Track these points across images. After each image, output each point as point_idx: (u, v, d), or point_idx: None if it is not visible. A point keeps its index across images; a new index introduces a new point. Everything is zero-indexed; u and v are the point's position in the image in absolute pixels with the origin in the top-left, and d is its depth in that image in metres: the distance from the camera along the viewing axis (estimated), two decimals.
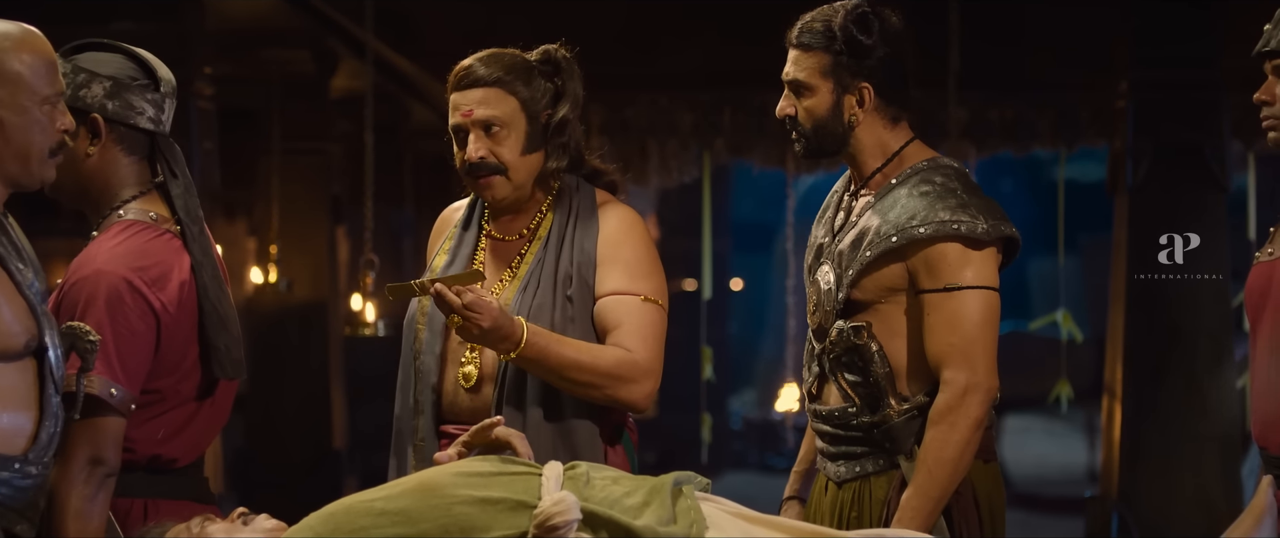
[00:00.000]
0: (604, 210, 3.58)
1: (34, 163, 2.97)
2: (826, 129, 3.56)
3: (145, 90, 3.32)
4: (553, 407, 3.48)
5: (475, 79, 3.52)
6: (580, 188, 3.61)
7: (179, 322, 3.27)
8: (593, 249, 3.52)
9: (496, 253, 3.63)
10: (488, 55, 3.56)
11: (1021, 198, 14.54)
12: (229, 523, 3.18)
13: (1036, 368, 8.40)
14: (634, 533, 2.97)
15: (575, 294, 3.50)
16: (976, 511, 3.52)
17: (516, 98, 3.52)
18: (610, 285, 3.49)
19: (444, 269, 3.64)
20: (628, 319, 3.47)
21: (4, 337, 2.87)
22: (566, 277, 3.52)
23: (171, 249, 3.29)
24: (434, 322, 3.58)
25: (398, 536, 2.98)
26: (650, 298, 3.50)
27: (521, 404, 3.48)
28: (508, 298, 3.52)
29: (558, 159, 3.57)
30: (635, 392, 3.46)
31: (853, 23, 3.51)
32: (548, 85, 3.56)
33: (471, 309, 3.33)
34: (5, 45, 2.92)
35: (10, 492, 2.88)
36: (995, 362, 3.48)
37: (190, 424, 3.36)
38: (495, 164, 3.52)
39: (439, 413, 3.59)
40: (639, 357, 3.45)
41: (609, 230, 3.54)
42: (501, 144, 3.51)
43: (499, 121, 3.50)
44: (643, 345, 3.46)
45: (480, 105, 3.51)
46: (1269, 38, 3.40)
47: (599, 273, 3.50)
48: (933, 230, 3.43)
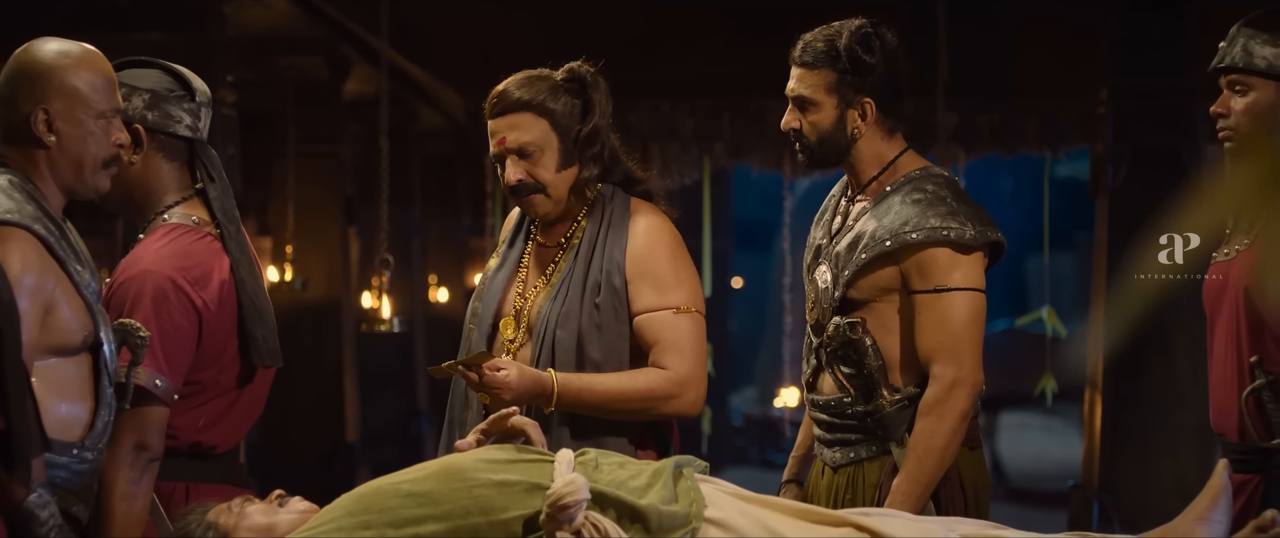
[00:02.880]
0: (634, 220, 3.68)
1: (88, 173, 3.15)
2: (830, 142, 3.68)
3: (182, 101, 3.49)
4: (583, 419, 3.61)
5: (508, 105, 3.64)
6: (614, 196, 3.72)
7: (219, 318, 3.42)
8: (621, 258, 3.64)
9: (538, 258, 3.76)
10: (518, 80, 3.67)
11: (1022, 197, 14.51)
12: (266, 504, 3.34)
13: (1035, 365, 8.42)
14: (639, 511, 3.13)
15: (603, 301, 3.62)
16: (963, 494, 3.64)
17: (547, 119, 3.63)
18: (643, 304, 3.62)
19: (494, 273, 3.78)
20: (662, 335, 3.60)
21: (65, 334, 3.05)
22: (595, 284, 3.64)
23: (212, 251, 3.45)
24: (483, 323, 3.73)
25: (423, 515, 3.13)
26: (682, 308, 3.63)
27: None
28: (541, 304, 3.66)
29: (590, 170, 3.67)
30: (679, 405, 3.60)
31: (857, 42, 3.61)
32: (575, 101, 3.67)
33: (493, 387, 3.48)
34: (66, 63, 3.11)
35: (68, 476, 3.05)
36: (981, 358, 3.61)
37: (229, 413, 3.51)
38: (533, 184, 3.64)
39: (484, 407, 3.70)
40: (676, 371, 3.58)
41: (637, 244, 3.65)
42: (537, 165, 3.64)
43: (532, 145, 3.63)
44: (678, 358, 3.58)
45: (512, 131, 3.63)
46: (1223, 55, 3.59)
47: (631, 290, 3.62)
48: (924, 236, 3.57)
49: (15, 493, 2.90)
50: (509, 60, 3.84)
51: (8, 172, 3.08)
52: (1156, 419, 6.74)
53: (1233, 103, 3.59)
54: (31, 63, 3.11)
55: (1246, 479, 3.55)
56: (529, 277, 3.74)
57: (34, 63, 3.11)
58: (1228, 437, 3.60)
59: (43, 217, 3.05)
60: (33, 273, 2.98)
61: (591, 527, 3.11)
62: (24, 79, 3.10)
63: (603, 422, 3.62)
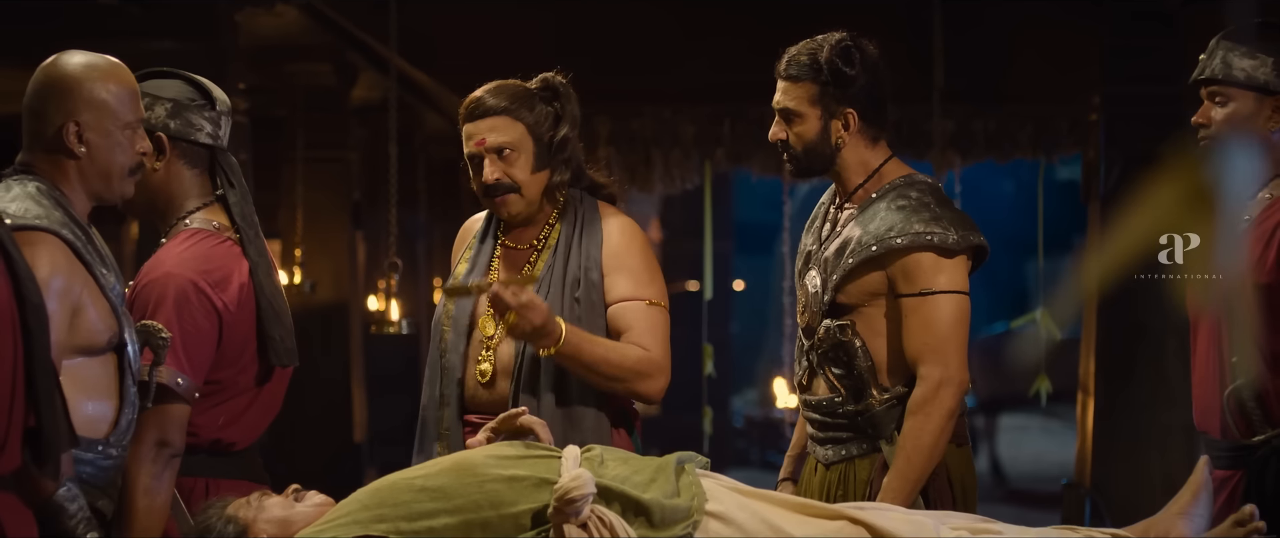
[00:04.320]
0: (607, 221, 3.86)
1: (115, 181, 3.23)
2: (815, 151, 3.76)
3: (202, 109, 3.56)
4: (563, 396, 3.77)
5: (486, 110, 3.80)
6: (584, 200, 3.89)
7: (238, 320, 3.50)
8: (598, 255, 3.80)
9: (509, 261, 3.90)
10: (494, 87, 3.84)
11: (1023, 201, 14.47)
12: (284, 498, 3.40)
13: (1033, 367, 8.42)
14: (643, 504, 3.22)
15: (583, 296, 3.78)
16: (950, 489, 3.72)
17: (523, 123, 3.80)
18: (619, 293, 3.78)
19: (466, 276, 3.91)
20: (638, 322, 3.76)
21: (91, 335, 3.13)
22: (574, 280, 3.80)
23: (232, 255, 3.53)
24: (458, 324, 3.85)
25: (436, 508, 3.22)
26: (655, 301, 3.80)
27: (536, 392, 3.76)
28: None
29: (562, 174, 3.84)
30: (652, 385, 3.76)
31: (837, 55, 3.70)
32: (549, 109, 3.84)
33: (527, 307, 3.60)
34: (94, 76, 3.18)
35: (94, 471, 3.12)
36: (966, 358, 3.68)
37: (248, 412, 3.58)
38: (510, 184, 3.80)
39: (462, 405, 3.85)
40: (655, 355, 3.75)
41: (613, 241, 3.82)
42: (513, 165, 3.80)
43: (510, 146, 3.79)
44: (656, 345, 3.76)
45: (492, 133, 3.79)
46: (1203, 67, 3.69)
47: (607, 281, 3.79)
48: (909, 241, 3.64)
49: (45, 487, 2.96)
50: (513, 68, 3.94)
51: (36, 179, 3.16)
52: (1146, 420, 6.78)
53: (1213, 113, 3.70)
54: (60, 77, 3.18)
55: (1228, 475, 3.65)
56: (501, 277, 3.85)
57: (63, 77, 3.17)
58: (1210, 434, 3.70)
59: (70, 222, 3.13)
60: (61, 276, 3.05)
61: (597, 520, 3.19)
62: (53, 93, 3.17)
63: (583, 395, 3.76)
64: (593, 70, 3.83)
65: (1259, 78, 3.65)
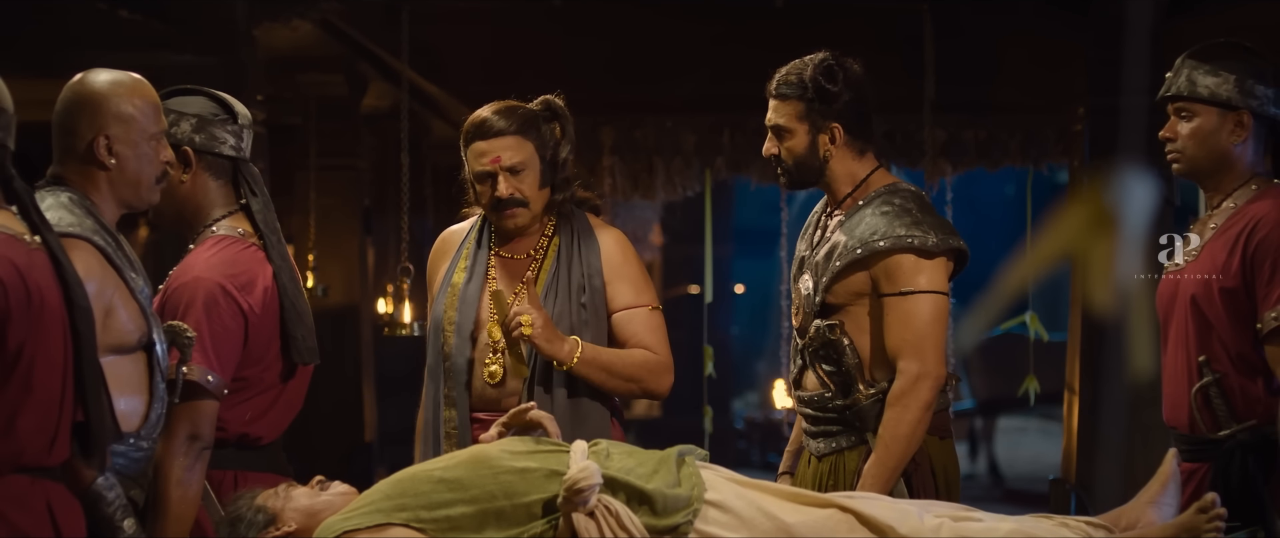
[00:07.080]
0: (600, 232, 4.07)
1: (143, 189, 3.37)
2: (805, 164, 3.91)
3: (226, 124, 3.70)
4: (572, 391, 3.98)
5: (499, 130, 3.97)
6: (574, 213, 4.09)
7: (263, 321, 3.63)
8: (598, 264, 4.01)
9: (506, 270, 4.07)
10: (502, 108, 4.01)
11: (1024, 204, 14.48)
12: (309, 489, 3.52)
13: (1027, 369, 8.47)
14: (646, 493, 3.35)
15: (588, 302, 4.00)
16: (934, 480, 3.86)
17: (532, 143, 3.99)
18: (623, 301, 4.01)
19: (465, 284, 4.08)
20: (643, 327, 4.00)
21: (122, 334, 3.25)
22: (579, 286, 4.01)
23: (256, 260, 3.66)
24: (462, 329, 4.04)
25: (453, 498, 3.35)
26: (655, 306, 4.04)
27: (549, 389, 3.97)
28: (526, 308, 3.96)
29: (563, 191, 4.05)
30: (663, 383, 4.00)
31: (821, 74, 3.85)
32: (551, 128, 4.04)
33: (545, 341, 3.87)
34: (120, 92, 3.32)
35: (127, 463, 3.25)
36: (944, 354, 3.82)
37: (273, 408, 3.70)
38: (521, 199, 3.98)
39: (470, 405, 4.03)
40: (661, 356, 3.99)
41: (610, 251, 4.03)
42: (524, 182, 3.98)
43: (523, 164, 3.97)
44: (661, 346, 4.00)
45: (506, 151, 3.96)
46: (1170, 85, 3.79)
47: (609, 289, 4.01)
48: (891, 243, 3.78)
49: (86, 476, 3.08)
50: (519, 78, 4.11)
51: (67, 190, 3.28)
52: (1129, 418, 6.87)
53: (1179, 128, 3.79)
54: (89, 94, 3.30)
55: (1195, 468, 3.73)
56: (500, 286, 4.02)
57: (91, 94, 3.30)
58: (1179, 429, 3.79)
59: (101, 229, 3.25)
60: (94, 280, 3.15)
61: (604, 509, 3.30)
62: (83, 109, 3.29)
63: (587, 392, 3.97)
64: (597, 82, 3.95)
65: (1222, 94, 3.72)
